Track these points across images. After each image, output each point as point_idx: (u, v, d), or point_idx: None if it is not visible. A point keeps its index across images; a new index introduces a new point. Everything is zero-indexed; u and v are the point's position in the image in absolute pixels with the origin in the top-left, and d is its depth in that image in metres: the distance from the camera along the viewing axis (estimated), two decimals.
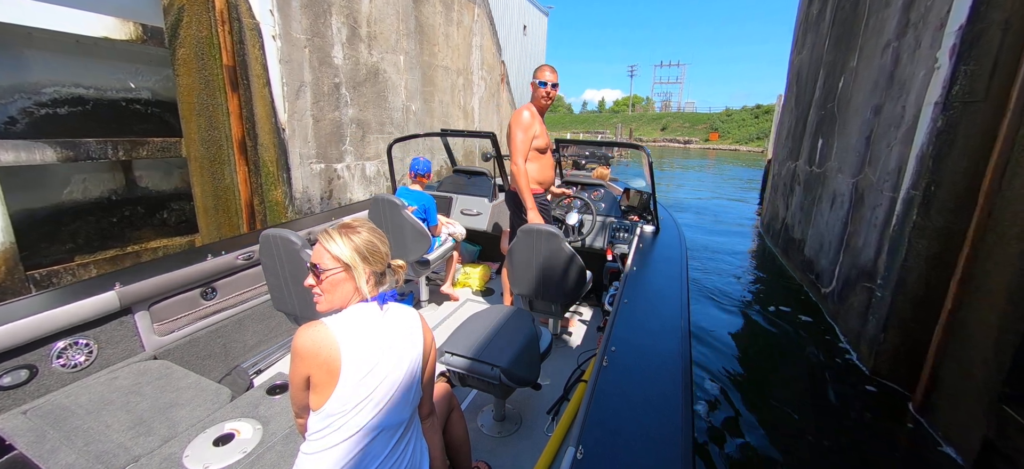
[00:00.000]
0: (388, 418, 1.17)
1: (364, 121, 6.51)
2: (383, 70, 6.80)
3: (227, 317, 2.65)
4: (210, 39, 4.51)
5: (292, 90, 5.32)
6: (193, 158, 4.58)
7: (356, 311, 1.19)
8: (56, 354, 1.94)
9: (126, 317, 2.20)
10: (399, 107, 7.23)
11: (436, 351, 1.37)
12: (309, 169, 5.65)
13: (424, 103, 7.96)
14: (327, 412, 1.10)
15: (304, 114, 5.52)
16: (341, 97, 6.05)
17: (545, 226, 2.60)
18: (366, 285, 1.20)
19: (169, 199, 5.04)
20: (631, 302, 2.00)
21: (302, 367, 1.10)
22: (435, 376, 1.39)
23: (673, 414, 1.25)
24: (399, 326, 1.23)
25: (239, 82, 4.82)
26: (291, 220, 4.59)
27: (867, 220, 3.85)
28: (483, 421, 2.30)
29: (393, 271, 1.28)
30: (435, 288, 3.89)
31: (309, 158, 5.64)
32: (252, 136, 4.97)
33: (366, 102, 6.52)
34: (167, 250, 4.62)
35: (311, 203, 5.73)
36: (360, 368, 1.12)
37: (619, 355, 1.54)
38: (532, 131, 2.82)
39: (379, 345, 1.16)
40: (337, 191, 6.14)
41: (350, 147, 6.28)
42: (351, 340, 1.12)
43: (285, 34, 5.15)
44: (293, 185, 5.44)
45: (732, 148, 45.89)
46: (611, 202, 3.75)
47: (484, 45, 10.53)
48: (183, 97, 4.43)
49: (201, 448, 1.57)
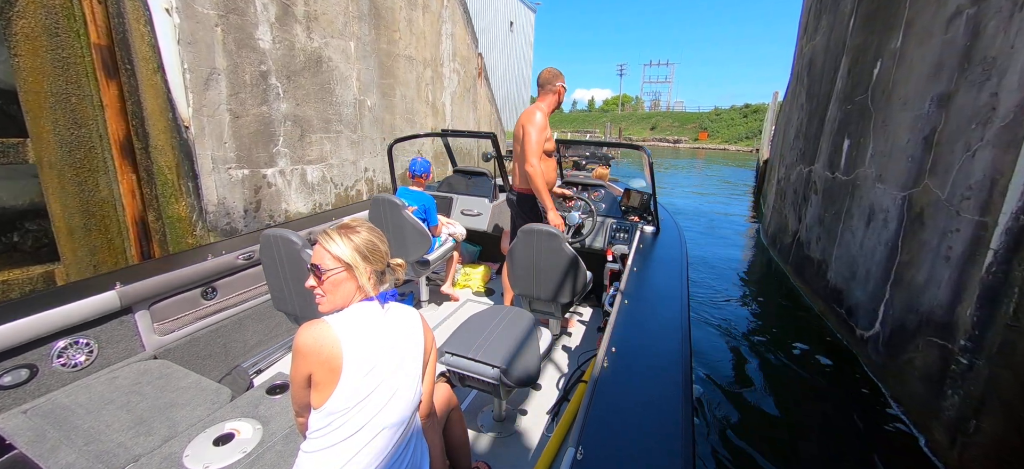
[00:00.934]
0: (389, 417, 1.18)
1: (303, 118, 5.43)
2: (328, 58, 5.72)
3: (227, 317, 2.65)
4: (67, 9, 3.43)
5: (198, 78, 4.23)
6: (46, 164, 3.45)
7: (358, 310, 1.19)
8: (56, 353, 1.94)
9: (126, 316, 2.20)
10: (350, 101, 6.15)
11: (436, 351, 1.37)
12: (226, 176, 4.56)
13: (383, 97, 6.87)
14: (328, 410, 1.11)
15: (217, 108, 4.43)
16: (270, 88, 4.96)
17: (545, 226, 2.60)
18: (368, 283, 1.20)
19: (22, 217, 3.93)
20: (631, 303, 2.00)
21: (304, 365, 1.11)
22: (435, 376, 1.39)
23: (673, 414, 1.25)
24: (401, 325, 1.24)
25: (119, 67, 3.74)
26: (291, 221, 4.51)
27: (932, 249, 2.91)
28: (483, 421, 2.30)
29: (393, 270, 1.28)
30: (435, 288, 3.88)
31: (226, 163, 4.56)
32: (141, 136, 3.88)
33: (305, 95, 5.43)
34: (19, 285, 3.52)
35: (231, 217, 4.64)
36: (362, 366, 1.13)
37: (619, 356, 1.54)
38: (546, 133, 2.87)
39: (381, 344, 1.18)
40: (268, 202, 5.05)
41: (285, 149, 5.20)
42: (353, 338, 1.13)
43: (186, 8, 4.06)
44: (204, 196, 4.36)
45: (721, 148, 46.16)
46: (611, 203, 3.75)
47: (456, 34, 9.37)
48: (27, 85, 3.32)
49: (201, 448, 1.57)
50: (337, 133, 5.98)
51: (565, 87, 2.95)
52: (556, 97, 2.94)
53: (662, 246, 2.96)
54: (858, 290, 3.84)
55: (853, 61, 4.61)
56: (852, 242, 4.07)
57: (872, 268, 3.63)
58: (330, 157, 5.89)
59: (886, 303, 3.36)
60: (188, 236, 4.22)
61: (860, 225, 3.96)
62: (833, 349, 3.98)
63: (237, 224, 4.70)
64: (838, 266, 4.32)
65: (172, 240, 4.11)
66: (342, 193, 6.12)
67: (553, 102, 2.94)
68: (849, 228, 4.17)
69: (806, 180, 5.66)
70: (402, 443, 1.22)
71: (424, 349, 1.28)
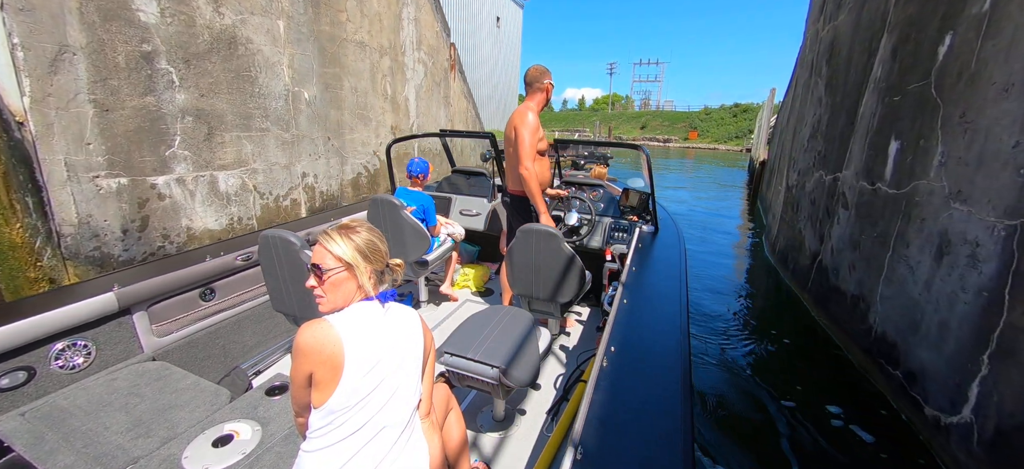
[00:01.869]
0: (389, 416, 1.19)
1: (212, 112, 4.36)
2: (246, 39, 4.64)
3: (226, 318, 2.65)
4: None
5: (39, 58, 3.21)
6: None
7: (359, 309, 1.20)
8: (54, 355, 1.94)
9: (124, 318, 2.20)
10: (279, 93, 5.07)
11: (435, 351, 1.39)
12: (92, 187, 3.52)
13: (326, 89, 5.75)
14: (329, 409, 1.12)
15: (72, 98, 3.39)
16: (158, 74, 3.91)
17: (544, 226, 2.62)
18: (368, 283, 1.21)
19: None
20: (630, 302, 2.00)
21: (305, 364, 1.12)
22: (434, 376, 1.39)
23: (673, 414, 1.26)
24: (401, 325, 1.25)
25: None
26: (289, 222, 4.49)
27: None
28: (483, 421, 2.30)
29: (392, 270, 1.29)
30: (434, 288, 3.86)
31: (91, 169, 3.51)
32: None
33: (214, 84, 4.37)
34: None
35: (102, 239, 3.58)
36: (363, 365, 1.14)
37: (619, 355, 1.54)
38: (539, 133, 2.86)
39: (381, 343, 1.19)
40: (160, 218, 3.98)
41: (184, 151, 4.13)
42: (354, 337, 1.14)
43: None
44: (55, 214, 3.31)
45: (711, 147, 46.57)
46: (610, 202, 3.77)
47: (421, 19, 8.12)
48: None
49: (200, 449, 1.58)
50: (262, 131, 4.89)
51: (553, 84, 2.93)
52: (544, 94, 2.93)
53: (661, 245, 2.95)
54: (925, 350, 2.80)
55: (900, 39, 3.57)
56: (911, 280, 3.03)
57: (952, 323, 2.61)
58: (253, 161, 4.82)
59: (982, 381, 2.34)
60: (29, 269, 3.17)
61: (924, 258, 2.93)
62: (884, 424, 2.97)
63: (112, 248, 3.64)
64: (888, 309, 3.26)
65: (5, 277, 3.05)
66: (272, 203, 5.09)
67: (542, 100, 2.93)
68: (903, 260, 3.14)
69: (830, 190, 4.59)
70: (401, 442, 1.22)
71: (424, 349, 1.30)
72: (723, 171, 22.29)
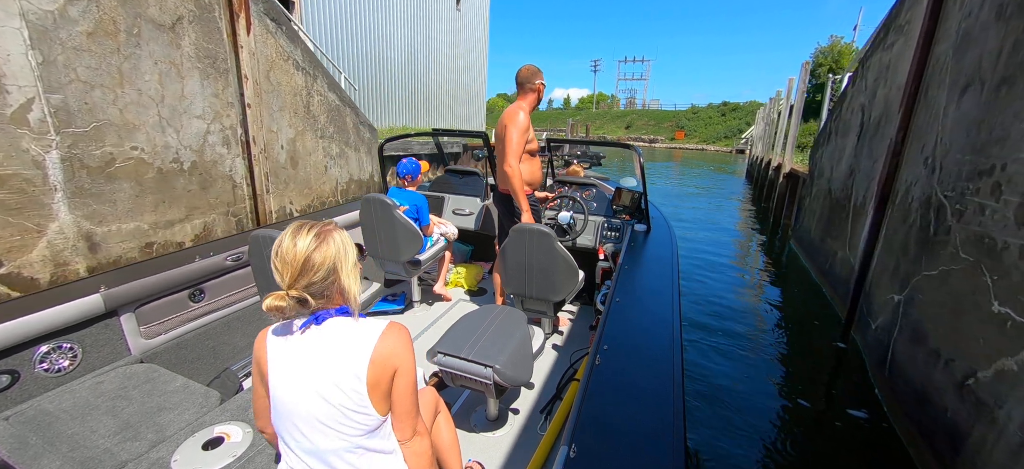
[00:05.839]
0: (323, 444, 1.07)
1: None
2: None
3: (216, 319, 2.63)
4: None
5: None
6: None
7: (291, 325, 1.11)
8: (39, 358, 1.91)
9: (111, 320, 2.17)
10: None
11: (409, 370, 1.13)
12: None
13: None
14: (275, 425, 1.11)
15: None
16: None
17: (537, 225, 2.61)
18: None
19: None
20: (623, 301, 2.00)
21: (253, 365, 1.14)
22: (411, 394, 1.15)
23: (666, 411, 1.26)
24: (327, 345, 1.07)
25: None
26: (280, 222, 4.42)
27: None
28: (476, 421, 2.30)
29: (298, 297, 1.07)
30: (427, 288, 3.88)
31: None
32: None
33: None
34: None
35: None
36: (279, 385, 1.07)
37: (611, 353, 1.55)
38: (529, 134, 2.89)
39: (298, 365, 1.07)
40: None
41: None
42: (278, 353, 1.08)
43: None
44: None
45: (699, 147, 46.28)
46: (603, 201, 3.78)
47: None
48: None
49: (190, 452, 1.56)
50: None
51: (544, 84, 2.97)
52: (536, 95, 2.96)
53: (653, 244, 2.98)
54: None
55: None
56: None
57: None
58: None
59: None
60: None
61: None
62: None
63: None
64: None
65: None
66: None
67: (533, 100, 2.96)
68: None
69: None
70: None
71: (377, 368, 1.07)
72: (722, 177, 20.56)
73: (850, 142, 5.30)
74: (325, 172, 5.48)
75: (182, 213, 3.77)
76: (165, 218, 3.64)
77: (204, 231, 3.86)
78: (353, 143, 5.97)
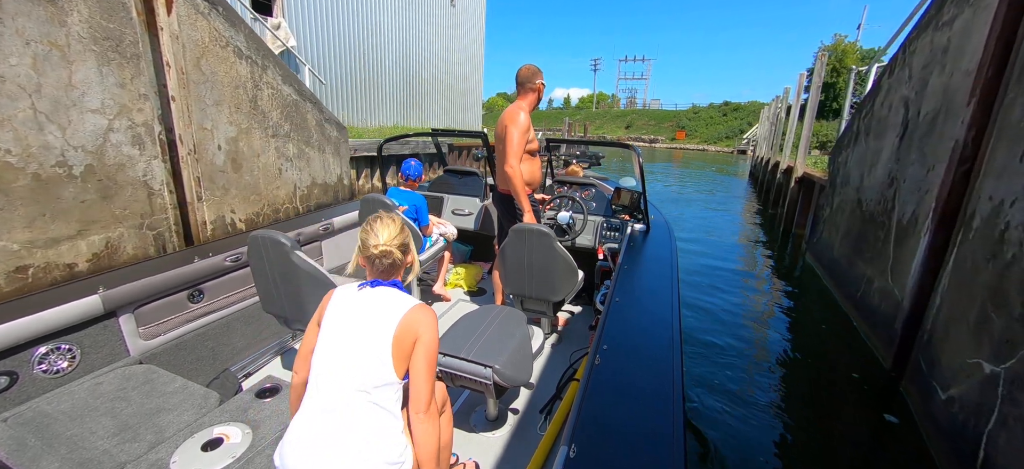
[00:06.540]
0: (345, 384, 1.26)
1: None
2: None
3: (215, 320, 2.63)
4: None
5: None
6: None
7: (352, 285, 1.39)
8: (37, 359, 1.91)
9: (110, 321, 2.17)
10: None
11: (429, 343, 1.30)
12: None
13: None
14: (312, 366, 1.31)
15: None
16: None
17: (537, 225, 2.62)
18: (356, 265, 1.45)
19: None
20: (622, 300, 2.01)
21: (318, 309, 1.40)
22: (429, 371, 1.30)
23: (665, 411, 1.26)
24: (373, 306, 1.32)
25: None
26: (279, 222, 4.40)
27: None
28: (476, 421, 2.30)
29: (379, 259, 1.40)
30: (427, 288, 3.86)
31: None
32: None
33: None
34: None
35: None
36: (328, 330, 1.32)
37: (611, 353, 1.55)
38: (529, 134, 2.89)
39: (347, 317, 1.32)
40: None
41: None
42: (337, 303, 1.35)
43: None
44: None
45: (700, 148, 45.86)
46: (602, 201, 3.78)
47: None
48: None
49: (189, 453, 1.56)
50: None
51: (544, 84, 2.97)
52: (536, 94, 2.96)
53: (652, 244, 2.99)
54: None
55: None
56: None
57: None
58: None
59: None
60: None
61: None
62: None
63: None
64: None
65: None
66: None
67: (533, 100, 2.96)
68: None
69: None
70: (350, 420, 1.23)
71: (404, 336, 1.28)
72: (724, 179, 19.98)
73: (888, 144, 4.44)
74: (279, 176, 4.63)
75: (73, 228, 2.92)
76: (46, 235, 2.79)
77: (107, 249, 3.07)
78: (316, 142, 5.15)
